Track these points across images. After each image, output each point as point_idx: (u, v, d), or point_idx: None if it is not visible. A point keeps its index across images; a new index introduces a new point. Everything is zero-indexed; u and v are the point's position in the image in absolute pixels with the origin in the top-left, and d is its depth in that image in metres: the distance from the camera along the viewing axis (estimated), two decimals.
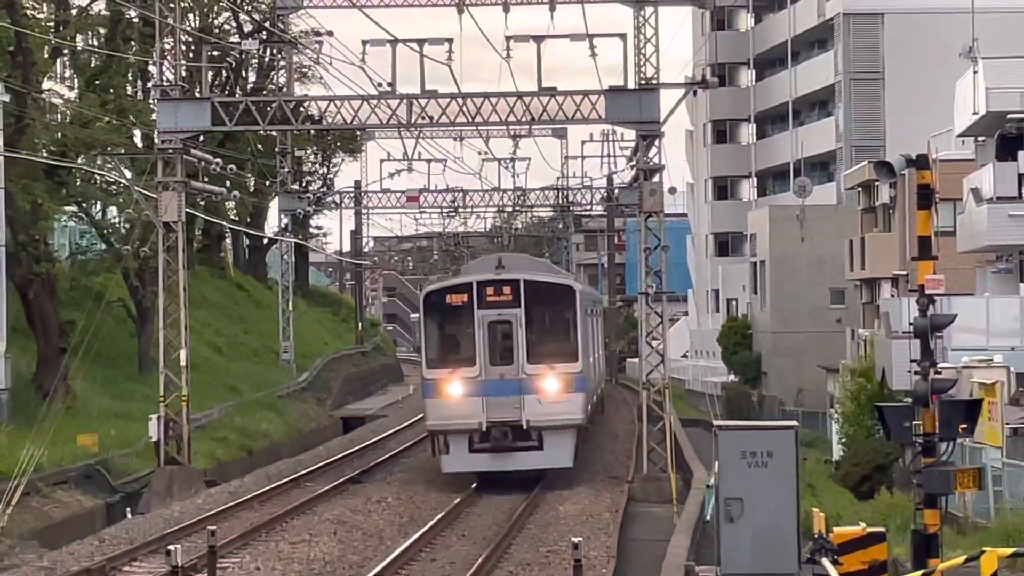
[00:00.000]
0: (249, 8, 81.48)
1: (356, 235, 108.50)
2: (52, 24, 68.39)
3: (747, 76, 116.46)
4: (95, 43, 71.02)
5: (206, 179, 61.86)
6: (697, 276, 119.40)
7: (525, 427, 43.91)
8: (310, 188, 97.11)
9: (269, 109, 49.80)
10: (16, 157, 57.40)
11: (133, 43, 70.03)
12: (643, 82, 47.29)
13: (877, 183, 72.68)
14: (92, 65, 70.62)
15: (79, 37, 71.09)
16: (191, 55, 61.56)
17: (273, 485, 47.38)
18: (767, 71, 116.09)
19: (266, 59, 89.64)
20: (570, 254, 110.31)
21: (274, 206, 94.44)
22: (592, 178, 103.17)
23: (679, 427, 54.08)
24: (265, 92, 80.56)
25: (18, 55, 61.36)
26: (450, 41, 47.28)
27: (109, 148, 67.85)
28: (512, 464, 44.39)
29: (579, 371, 45.45)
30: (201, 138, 52.74)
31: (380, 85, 49.57)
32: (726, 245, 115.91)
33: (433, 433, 45.92)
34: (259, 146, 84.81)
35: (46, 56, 67.28)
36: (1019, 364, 43.77)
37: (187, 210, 51.95)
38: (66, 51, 70.57)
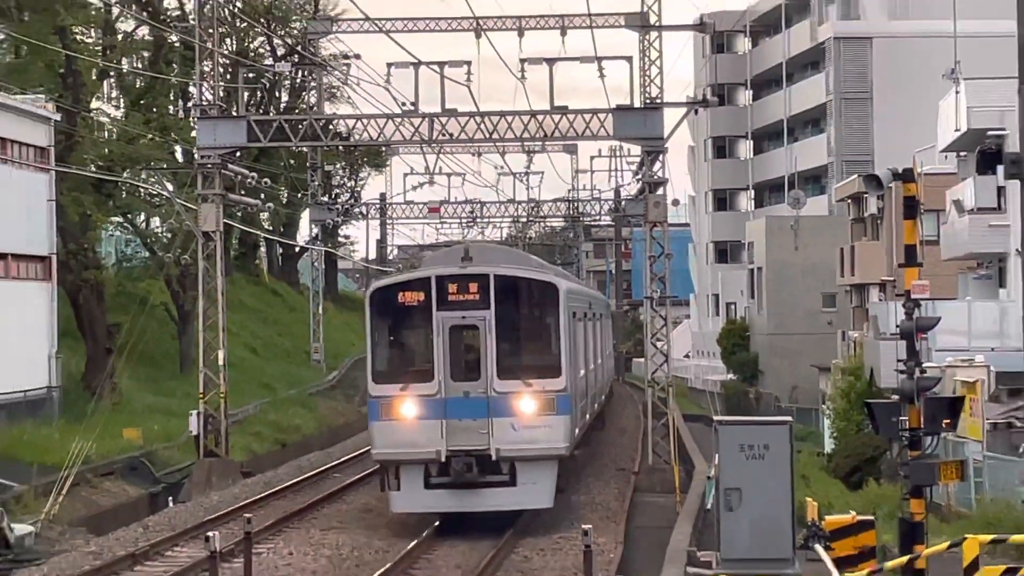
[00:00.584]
0: (282, 33, 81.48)
1: (381, 244, 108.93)
2: (100, 48, 68.58)
3: (745, 96, 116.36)
4: (140, 66, 71.17)
5: (242, 192, 61.94)
6: (698, 282, 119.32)
7: (494, 457, 31.84)
8: (339, 200, 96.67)
9: (300, 127, 49.81)
10: (67, 171, 57.63)
11: (175, 66, 70.32)
12: (648, 101, 47.34)
13: (866, 195, 72.66)
14: (137, 86, 70.89)
15: (125, 60, 71.34)
16: (228, 77, 61.54)
17: (305, 476, 47.23)
18: (763, 91, 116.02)
19: (298, 80, 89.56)
20: (580, 261, 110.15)
21: (305, 217, 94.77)
22: (600, 191, 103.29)
23: (681, 422, 53.98)
24: (297, 111, 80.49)
25: (68, 77, 61.66)
26: (469, 63, 47.37)
27: (153, 163, 68.25)
28: (478, 503, 32.17)
29: (562, 389, 32.93)
30: (238, 154, 52.70)
31: (404, 104, 49.62)
32: (725, 253, 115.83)
33: (382, 464, 34.09)
34: (291, 161, 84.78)
35: (94, 78, 67.67)
36: (999, 364, 43.76)
37: (225, 221, 51.92)
38: (113, 73, 70.78)
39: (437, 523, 33.33)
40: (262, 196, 71.19)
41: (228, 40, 74.13)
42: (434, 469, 32.33)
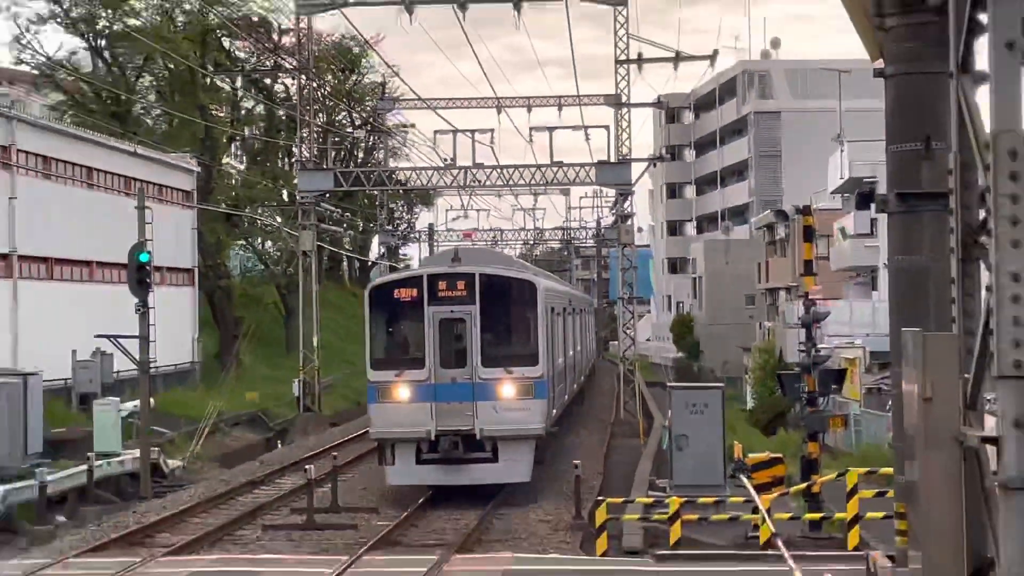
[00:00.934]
0: (359, 109, 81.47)
1: None
2: (228, 120, 68.79)
3: (689, 154, 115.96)
4: (257, 132, 71.35)
5: (330, 222, 62.18)
6: (656, 287, 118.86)
7: (478, 437, 27.04)
8: (399, 228, 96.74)
9: (372, 176, 49.91)
10: (205, 208, 57.84)
11: (282, 132, 70.37)
12: (620, 158, 47.28)
13: (776, 225, 72.48)
14: (255, 147, 71.06)
15: (246, 128, 71.54)
16: (320, 140, 61.65)
17: None
18: (703, 151, 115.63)
19: (370, 142, 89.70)
20: (572, 272, 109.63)
21: (375, 240, 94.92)
22: (586, 222, 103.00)
23: (644, 388, 53.97)
24: (369, 164, 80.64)
25: (206, 141, 61.85)
26: (492, 131, 47.44)
27: (266, 202, 68.27)
28: (464, 477, 27.36)
29: (539, 376, 28.02)
30: (327, 195, 52.85)
31: (445, 159, 49.64)
32: (675, 266, 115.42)
33: (379, 442, 28.83)
34: (365, 200, 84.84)
35: (224, 141, 67.78)
36: (872, 346, 43.58)
37: (317, 243, 52.14)
38: (238, 138, 70.98)
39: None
40: (344, 225, 71.43)
41: (320, 114, 74.23)
42: (425, 447, 26.95)
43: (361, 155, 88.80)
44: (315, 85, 59.11)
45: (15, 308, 42.93)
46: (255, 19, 66.17)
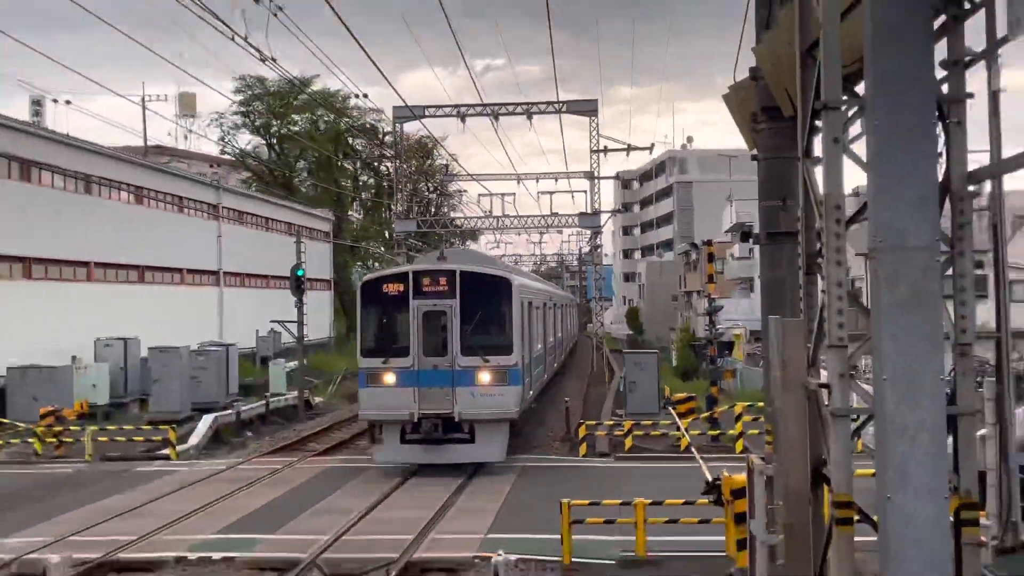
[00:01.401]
0: (432, 181, 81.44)
1: None
2: (351, 188, 68.92)
3: (636, 208, 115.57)
4: (369, 196, 71.40)
5: (414, 251, 62.20)
6: (616, 290, 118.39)
7: (457, 419, 20.06)
8: None
9: (439, 222, 50.27)
10: (337, 243, 57.88)
11: (384, 195, 70.52)
12: (593, 210, 47.22)
13: (690, 251, 72.23)
14: (368, 204, 71.08)
15: (363, 193, 71.63)
16: (408, 200, 61.66)
17: None
18: (645, 206, 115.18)
19: (438, 201, 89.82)
20: (563, 281, 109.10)
21: None
22: (572, 250, 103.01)
23: (609, 353, 53.75)
24: (438, 215, 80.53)
25: (338, 201, 62.00)
26: (513, 194, 47.87)
27: (375, 239, 68.26)
28: (443, 456, 20.24)
29: (513, 364, 20.73)
30: (412, 234, 52.90)
31: (485, 211, 49.72)
32: (628, 277, 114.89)
33: (369, 423, 21.21)
34: (436, 237, 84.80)
35: (349, 201, 67.84)
36: (750, 327, 43.34)
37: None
38: (358, 199, 71.06)
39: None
40: (422, 252, 71.26)
41: (408, 184, 74.31)
42: (409, 428, 19.54)
43: (433, 209, 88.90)
44: (404, 166, 59.20)
45: (221, 304, 43.33)
46: (368, 126, 66.38)
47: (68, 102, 58.75)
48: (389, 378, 19.59)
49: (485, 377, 19.66)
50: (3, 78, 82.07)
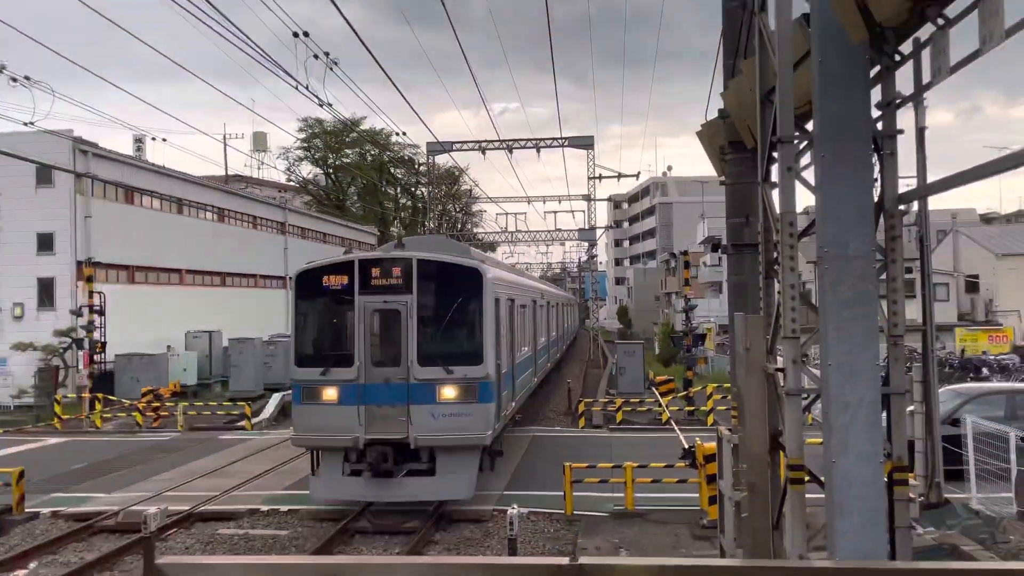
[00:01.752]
0: (458, 202, 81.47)
1: None
2: (393, 209, 69.07)
3: (626, 224, 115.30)
4: (407, 214, 71.54)
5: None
6: (609, 292, 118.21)
7: (413, 446, 10.87)
8: None
9: (464, 236, 50.04)
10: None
11: (420, 214, 70.65)
12: (590, 227, 47.21)
13: (670, 260, 71.95)
14: (406, 222, 71.20)
15: (403, 213, 71.74)
16: (439, 218, 61.72)
17: None
18: (633, 223, 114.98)
19: (464, 219, 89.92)
20: (565, 284, 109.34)
21: None
22: (572, 259, 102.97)
23: (604, 343, 53.61)
24: (463, 230, 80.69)
25: (381, 219, 62.17)
26: (524, 213, 48.04)
27: None
28: (395, 493, 10.90)
29: (483, 376, 11.06)
30: None
31: (502, 228, 49.70)
32: (619, 281, 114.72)
33: (305, 448, 11.58)
34: None
35: (391, 219, 67.88)
36: (720, 322, 43.15)
37: None
38: (398, 218, 71.20)
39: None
40: None
41: (439, 205, 74.35)
42: (352, 456, 11.55)
43: (459, 225, 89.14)
44: (436, 191, 59.42)
45: (287, 303, 43.54)
46: (406, 158, 66.72)
47: (164, 139, 59.68)
48: (329, 393, 11.72)
49: (448, 393, 11.64)
50: (111, 120, 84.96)
